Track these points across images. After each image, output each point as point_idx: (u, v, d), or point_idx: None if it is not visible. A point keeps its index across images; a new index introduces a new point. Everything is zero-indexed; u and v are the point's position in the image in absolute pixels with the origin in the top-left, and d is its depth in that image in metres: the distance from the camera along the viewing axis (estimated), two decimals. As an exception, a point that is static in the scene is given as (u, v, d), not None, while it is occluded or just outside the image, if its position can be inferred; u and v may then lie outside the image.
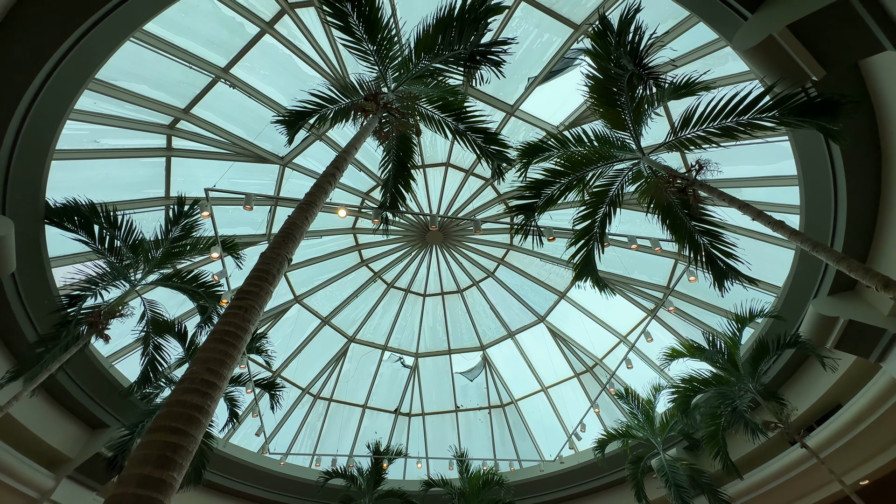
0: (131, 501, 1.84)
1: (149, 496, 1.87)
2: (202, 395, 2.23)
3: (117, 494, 1.89)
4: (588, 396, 13.89)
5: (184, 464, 2.06)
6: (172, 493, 1.99)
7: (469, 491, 12.33)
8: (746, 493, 10.30)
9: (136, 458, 2.03)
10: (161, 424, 2.13)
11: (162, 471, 1.94)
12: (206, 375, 2.31)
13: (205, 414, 2.24)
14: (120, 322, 7.58)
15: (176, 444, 2.04)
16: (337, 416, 14.95)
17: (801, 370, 9.67)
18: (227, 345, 2.51)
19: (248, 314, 2.71)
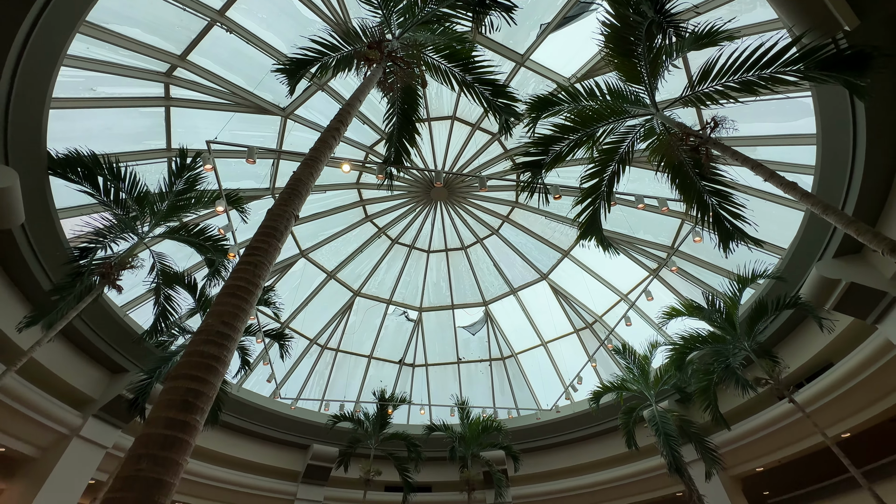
0: (160, 440, 2.00)
1: (175, 436, 2.02)
2: (218, 346, 2.35)
3: (147, 434, 2.04)
4: (586, 351, 14.33)
5: (205, 408, 2.22)
6: (196, 435, 2.15)
7: (469, 435, 13.09)
8: (731, 442, 10.87)
9: (162, 402, 2.18)
10: (182, 372, 2.27)
11: (186, 414, 2.10)
12: (221, 328, 2.42)
13: (221, 363, 2.37)
14: (131, 273, 7.74)
15: (197, 390, 2.18)
16: (344, 365, 15.59)
17: (797, 330, 9.87)
18: (239, 299, 2.60)
19: (257, 270, 2.78)
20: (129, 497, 1.78)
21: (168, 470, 1.93)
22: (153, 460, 1.90)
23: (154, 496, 1.89)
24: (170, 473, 1.93)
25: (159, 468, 1.90)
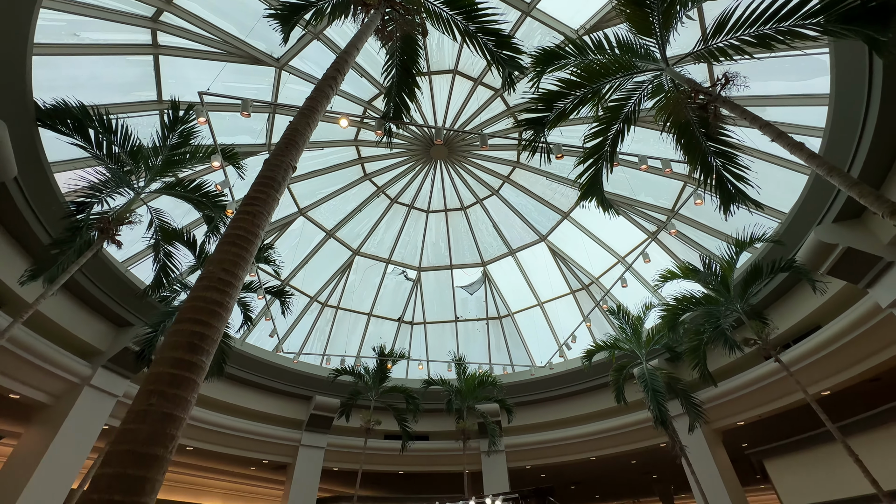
0: (168, 378, 2.09)
1: (183, 375, 2.11)
2: (220, 293, 2.40)
3: (155, 372, 2.13)
4: (581, 312, 14.64)
5: (210, 350, 2.30)
6: (202, 376, 2.24)
7: (465, 389, 13.65)
8: (716, 398, 11.38)
9: (168, 343, 2.25)
10: (186, 316, 2.33)
11: (192, 355, 2.18)
12: (222, 275, 2.45)
13: (224, 309, 2.43)
14: (129, 229, 7.73)
15: (202, 333, 2.26)
16: (344, 322, 15.94)
17: (788, 294, 10.08)
18: (239, 248, 2.62)
19: (256, 219, 2.78)
20: (142, 429, 1.89)
21: (177, 406, 2.02)
22: (163, 396, 1.99)
23: (165, 428, 2.00)
24: (179, 409, 2.03)
25: (169, 404, 1.99)
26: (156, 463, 1.85)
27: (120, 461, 1.79)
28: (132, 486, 1.73)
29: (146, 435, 1.86)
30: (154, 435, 1.88)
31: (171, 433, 1.94)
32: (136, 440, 1.83)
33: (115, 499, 1.63)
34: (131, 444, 1.81)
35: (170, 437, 1.92)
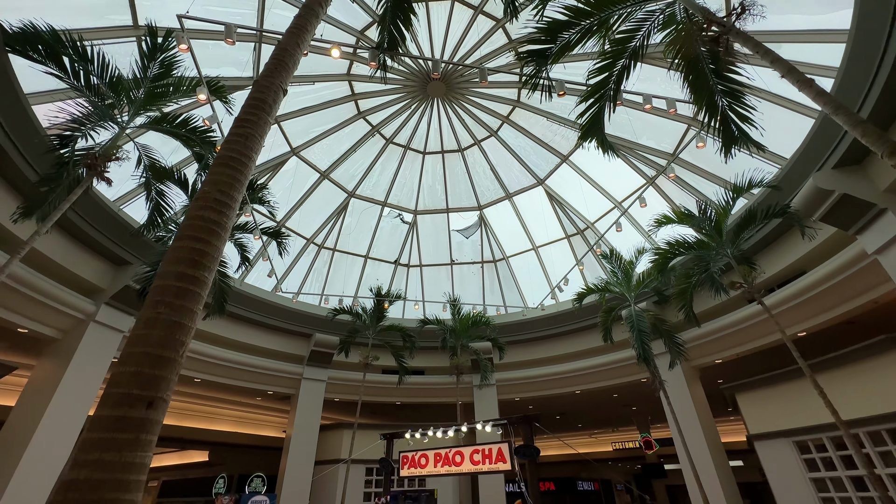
0: (173, 290, 2.17)
1: (187, 288, 2.19)
2: (217, 213, 2.41)
3: (160, 285, 2.20)
4: (575, 256, 14.88)
5: (211, 267, 2.36)
6: (205, 290, 2.30)
7: (459, 328, 14.21)
8: (698, 339, 11.96)
9: (170, 258, 2.30)
10: (186, 234, 2.37)
11: (194, 269, 2.24)
12: (218, 196, 2.45)
13: (222, 228, 2.45)
14: (118, 166, 7.53)
15: (202, 250, 2.30)
16: (341, 264, 16.16)
17: (778, 241, 10.29)
18: (233, 169, 2.59)
19: (248, 142, 2.72)
20: (153, 334, 2.00)
21: (184, 315, 2.12)
22: (170, 306, 2.09)
23: (175, 334, 2.11)
24: (186, 318, 2.13)
25: (176, 313, 2.09)
26: (168, 364, 1.97)
27: (136, 361, 1.91)
28: (149, 383, 1.86)
29: (157, 339, 1.97)
30: (165, 340, 1.99)
31: (180, 339, 2.04)
32: (148, 343, 1.95)
33: (134, 393, 1.76)
34: (144, 346, 1.93)
35: (179, 343, 2.03)
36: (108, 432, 1.54)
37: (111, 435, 1.54)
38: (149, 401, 1.68)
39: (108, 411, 1.64)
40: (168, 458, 22.01)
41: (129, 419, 1.57)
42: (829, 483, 8.81)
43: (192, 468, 20.83)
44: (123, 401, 1.66)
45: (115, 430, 1.56)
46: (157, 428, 1.75)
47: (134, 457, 1.52)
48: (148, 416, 1.65)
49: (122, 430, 1.53)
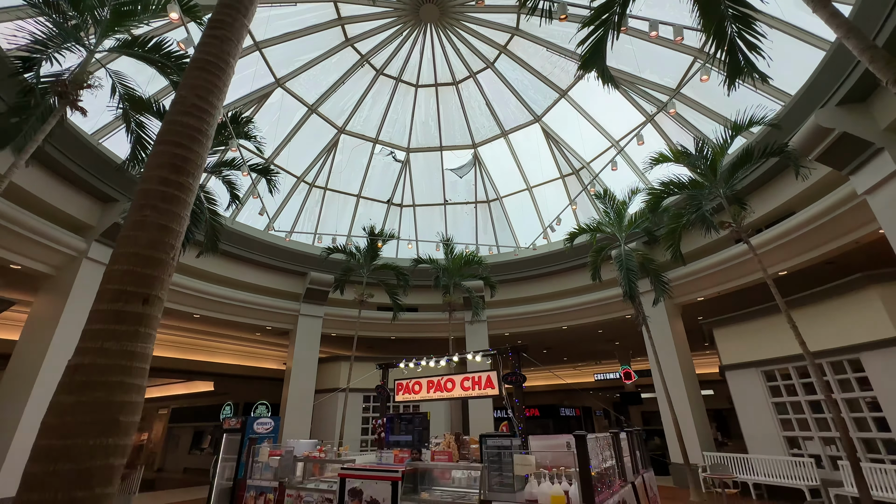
0: (158, 195, 2.09)
1: (172, 193, 2.11)
2: (196, 119, 2.30)
3: (144, 189, 2.12)
4: (569, 196, 14.82)
5: (195, 174, 2.26)
6: (191, 197, 2.21)
7: (452, 267, 14.45)
8: (683, 277, 12.37)
9: (152, 164, 2.20)
10: (165, 139, 2.23)
11: (178, 175, 2.14)
12: (196, 101, 2.31)
13: (203, 135, 2.31)
14: (91, 95, 7.11)
15: (184, 156, 2.19)
16: (333, 203, 15.99)
17: (769, 183, 10.33)
18: (210, 73, 2.43)
19: (225, 45, 2.53)
20: (141, 236, 2.00)
21: (171, 219, 2.10)
22: (156, 210, 2.06)
23: (163, 237, 2.06)
24: (174, 223, 2.11)
25: (163, 216, 2.08)
26: (160, 265, 1.94)
27: (127, 260, 1.87)
28: (143, 281, 1.84)
29: (146, 241, 1.96)
30: (153, 241, 1.96)
31: (169, 242, 2.04)
32: (137, 244, 1.94)
33: (128, 290, 1.76)
34: (134, 247, 1.92)
35: (169, 246, 2.04)
36: (106, 324, 1.59)
37: (110, 326, 1.59)
38: (144, 297, 1.72)
39: (105, 306, 1.68)
40: (176, 388, 23.22)
41: (127, 313, 1.62)
42: (789, 406, 9.63)
43: (199, 397, 22.07)
44: (119, 297, 1.69)
45: (114, 323, 1.62)
46: (155, 323, 1.80)
47: (135, 346, 1.59)
48: (145, 312, 1.70)
49: (121, 323, 1.58)
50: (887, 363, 7.82)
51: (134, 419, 1.52)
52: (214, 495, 7.82)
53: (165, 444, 23.38)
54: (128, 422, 1.49)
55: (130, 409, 1.51)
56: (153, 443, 24.65)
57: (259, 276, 14.16)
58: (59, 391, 1.50)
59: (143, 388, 1.59)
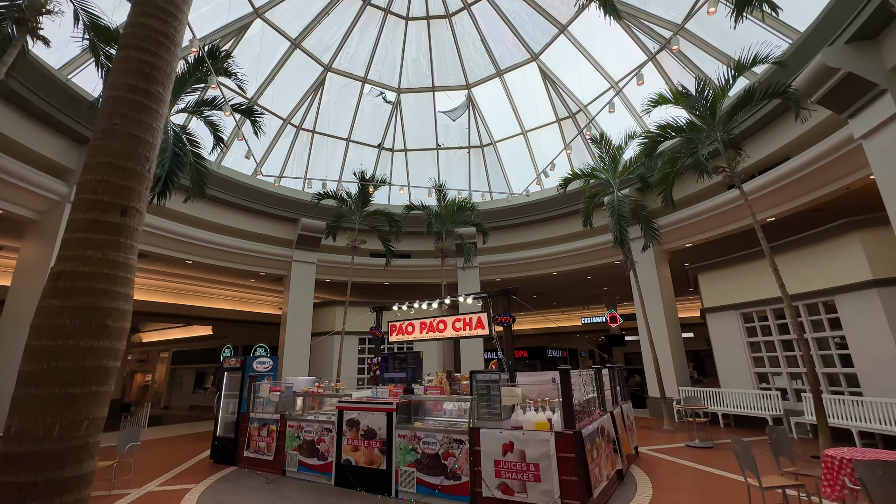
0: (126, 102, 1.95)
1: (142, 102, 1.97)
2: (162, 21, 2.11)
3: (111, 97, 1.97)
4: (564, 141, 14.50)
5: (166, 84, 2.09)
6: (163, 107, 2.04)
7: (444, 214, 14.40)
8: (673, 224, 12.49)
9: (117, 69, 2.02)
10: (129, 43, 2.04)
11: (146, 83, 1.99)
12: (160, 2, 2.10)
13: (170, 41, 2.11)
14: (53, 23, 6.55)
15: (151, 62, 2.02)
16: (322, 147, 15.50)
17: (768, 128, 10.18)
18: None
19: None
20: (112, 145, 1.92)
21: (144, 130, 2.00)
22: (125, 118, 1.97)
23: (136, 147, 1.98)
24: (146, 133, 2.01)
25: (133, 126, 1.99)
26: (135, 176, 1.84)
27: (99, 170, 1.78)
28: (118, 192, 1.77)
29: (118, 150, 1.88)
30: (126, 151, 1.87)
31: (143, 154, 1.96)
32: (109, 153, 1.87)
33: (104, 199, 1.71)
34: (105, 156, 1.85)
35: (143, 158, 1.97)
36: (86, 233, 1.57)
37: (90, 235, 1.58)
38: (122, 208, 1.69)
39: (82, 215, 1.65)
40: (175, 332, 23.80)
41: (105, 223, 1.60)
42: (763, 346, 10.19)
43: (198, 340, 22.70)
44: (95, 206, 1.66)
45: (94, 232, 1.60)
46: (136, 235, 1.78)
47: (117, 256, 1.60)
48: (124, 223, 1.68)
49: (100, 232, 1.57)
50: (858, 305, 8.20)
51: (124, 325, 1.54)
52: (220, 427, 8.30)
53: (170, 385, 24.39)
54: (117, 327, 1.51)
55: (119, 316, 1.53)
56: (157, 383, 25.68)
57: (250, 223, 14.03)
58: (45, 296, 1.50)
59: (130, 298, 1.59)
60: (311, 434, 6.65)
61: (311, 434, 6.67)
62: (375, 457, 5.83)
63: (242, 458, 7.57)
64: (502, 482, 4.74)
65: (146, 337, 25.66)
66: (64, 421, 1.31)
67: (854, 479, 3.78)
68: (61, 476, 1.31)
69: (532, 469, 4.60)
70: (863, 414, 7.73)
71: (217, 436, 8.21)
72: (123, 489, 6.19)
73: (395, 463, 5.63)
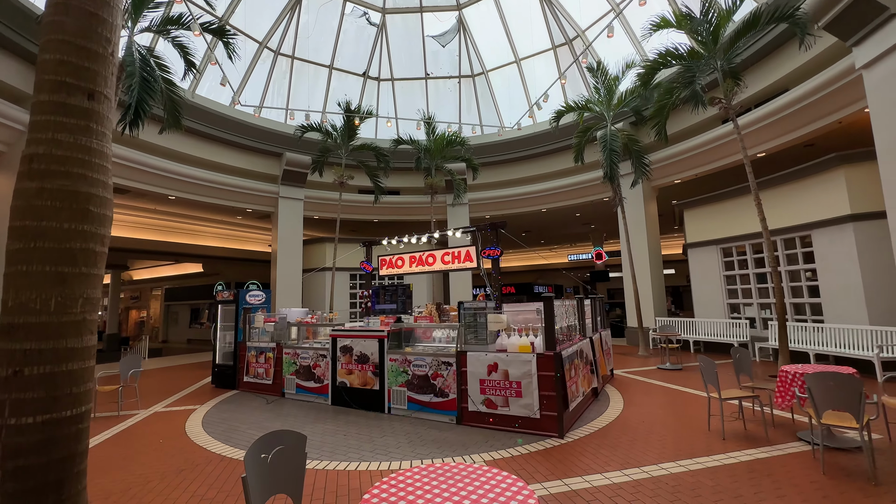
0: None
1: None
2: None
3: None
4: (559, 68, 13.83)
5: None
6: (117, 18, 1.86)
7: (434, 149, 14.02)
8: (664, 160, 12.40)
9: None
10: None
11: None
12: None
13: None
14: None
15: None
16: (303, 75, 14.56)
17: (767, 58, 9.84)
18: None
19: None
20: (68, 22, 1.77)
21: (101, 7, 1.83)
22: None
23: (94, 26, 1.82)
24: (104, 10, 1.84)
25: (90, 2, 1.83)
26: (98, 59, 1.65)
27: (57, 48, 1.60)
28: (81, 74, 1.62)
29: (74, 29, 1.72)
30: (84, 30, 1.70)
31: (104, 35, 1.81)
32: (64, 31, 1.71)
33: (68, 81, 1.56)
34: (62, 34, 1.71)
35: (104, 39, 1.83)
36: (53, 115, 1.51)
37: (58, 119, 1.52)
38: (88, 92, 1.62)
39: (46, 97, 1.58)
40: (166, 269, 23.87)
41: (72, 106, 1.55)
42: (738, 278, 10.66)
43: (190, 278, 22.89)
44: (58, 88, 1.57)
45: (61, 115, 1.54)
46: (108, 124, 1.72)
47: (90, 142, 1.56)
48: (92, 108, 1.62)
49: (69, 116, 1.52)
50: (833, 238, 8.50)
51: (105, 213, 1.52)
52: (219, 356, 8.66)
53: (166, 321, 24.96)
54: (99, 213, 1.50)
55: (100, 202, 1.50)
56: (153, 319, 26.24)
57: (232, 157, 13.52)
58: (20, 179, 1.46)
59: (110, 187, 1.55)
60: (307, 360, 7.00)
61: (306, 360, 7.02)
62: (369, 379, 6.22)
63: (243, 382, 8.00)
64: (487, 398, 5.13)
65: (136, 274, 25.72)
66: (59, 297, 1.37)
67: (804, 390, 4.18)
68: (63, 346, 1.38)
69: (514, 386, 4.97)
70: (821, 339, 8.35)
71: (216, 363, 8.60)
72: (131, 410, 6.57)
73: (388, 384, 6.03)
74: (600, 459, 4.03)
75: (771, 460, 3.86)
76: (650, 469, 3.76)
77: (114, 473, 4.06)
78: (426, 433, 5.01)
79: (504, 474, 1.95)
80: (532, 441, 4.59)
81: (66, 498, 1.38)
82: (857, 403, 3.37)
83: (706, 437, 4.55)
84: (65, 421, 1.37)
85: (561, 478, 3.63)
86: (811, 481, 3.40)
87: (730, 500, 3.14)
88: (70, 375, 1.40)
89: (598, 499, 3.24)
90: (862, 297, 7.99)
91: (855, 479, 3.40)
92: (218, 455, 4.50)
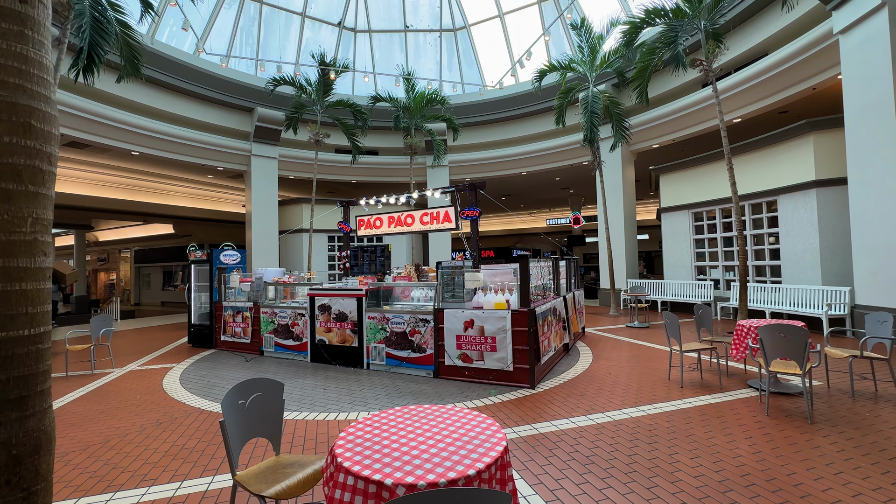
0: None
1: None
2: None
3: None
4: (543, 25, 13.39)
5: None
6: None
7: (413, 107, 13.59)
8: (644, 124, 12.44)
9: None
10: None
11: None
12: None
13: None
14: None
15: None
16: (273, 22, 13.63)
17: (748, 22, 9.86)
18: None
19: None
20: None
21: None
22: None
23: None
24: None
25: None
26: None
27: None
28: None
29: None
30: None
31: None
32: None
33: None
34: None
35: None
36: None
37: None
38: None
39: None
40: (134, 230, 22.95)
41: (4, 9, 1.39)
42: (706, 242, 11.07)
43: (161, 239, 22.11)
44: None
45: None
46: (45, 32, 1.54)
47: (26, 50, 1.42)
48: (26, 11, 1.45)
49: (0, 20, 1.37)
50: (797, 203, 8.86)
51: (51, 130, 1.43)
52: (194, 317, 8.57)
53: (137, 283, 24.29)
54: (44, 129, 1.40)
55: (43, 117, 1.40)
56: (123, 281, 25.49)
57: (199, 111, 12.78)
58: None
59: (52, 102, 1.44)
60: (285, 319, 7.02)
61: (284, 319, 7.03)
62: (347, 336, 6.31)
63: (220, 341, 7.99)
64: (463, 353, 5.31)
65: (102, 235, 24.68)
66: (6, 214, 1.31)
67: (756, 341, 4.49)
68: (14, 265, 1.35)
69: (489, 341, 5.14)
70: (777, 298, 8.88)
71: (192, 323, 8.52)
72: (104, 369, 6.51)
73: (367, 341, 6.13)
74: (568, 406, 4.29)
75: (722, 405, 4.20)
76: (613, 414, 4.04)
77: (90, 426, 4.08)
78: (404, 386, 5.18)
79: (475, 413, 2.06)
80: (505, 392, 4.82)
81: (31, 414, 1.38)
82: (802, 352, 3.66)
83: (666, 386, 4.88)
84: (22, 340, 1.35)
85: (531, 423, 3.86)
86: (756, 421, 3.73)
87: (683, 438, 3.43)
88: (24, 294, 1.36)
89: (564, 440, 3.47)
90: (818, 259, 8.46)
91: (794, 419, 3.74)
92: (197, 409, 4.56)
